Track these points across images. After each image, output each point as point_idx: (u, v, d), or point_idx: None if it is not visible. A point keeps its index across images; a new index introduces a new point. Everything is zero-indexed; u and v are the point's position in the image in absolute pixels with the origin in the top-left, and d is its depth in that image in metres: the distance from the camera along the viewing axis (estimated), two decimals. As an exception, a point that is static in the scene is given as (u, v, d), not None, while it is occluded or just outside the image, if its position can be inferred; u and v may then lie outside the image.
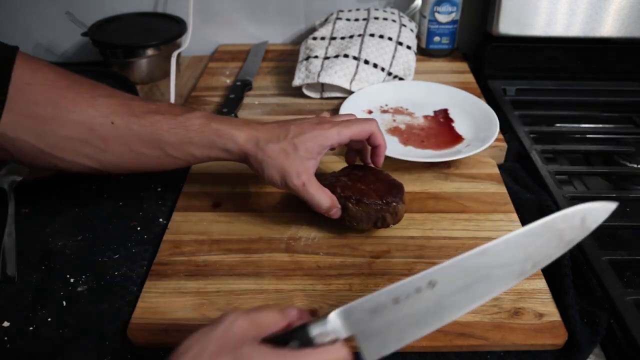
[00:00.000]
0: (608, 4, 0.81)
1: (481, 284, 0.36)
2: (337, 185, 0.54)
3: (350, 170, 0.58)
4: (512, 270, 0.36)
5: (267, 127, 0.53)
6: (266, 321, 0.36)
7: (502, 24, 0.84)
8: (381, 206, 0.53)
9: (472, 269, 0.36)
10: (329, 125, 0.52)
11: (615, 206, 0.37)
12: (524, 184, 0.65)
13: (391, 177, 0.57)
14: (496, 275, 0.36)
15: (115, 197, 0.64)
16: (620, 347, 0.46)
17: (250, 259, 0.54)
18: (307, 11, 1.00)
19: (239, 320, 0.35)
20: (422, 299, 0.36)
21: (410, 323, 0.36)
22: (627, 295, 0.48)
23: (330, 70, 0.78)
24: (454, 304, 0.36)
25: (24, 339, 0.47)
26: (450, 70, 0.91)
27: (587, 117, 0.80)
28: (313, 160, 0.52)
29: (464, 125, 0.73)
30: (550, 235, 0.37)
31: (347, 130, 0.53)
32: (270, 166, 0.51)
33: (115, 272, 0.54)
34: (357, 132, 0.53)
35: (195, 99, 0.83)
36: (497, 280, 0.36)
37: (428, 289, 0.36)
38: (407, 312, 0.36)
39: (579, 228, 0.37)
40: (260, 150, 0.51)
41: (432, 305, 0.36)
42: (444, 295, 0.36)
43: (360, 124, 0.54)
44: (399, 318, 0.36)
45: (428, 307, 0.36)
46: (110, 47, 0.88)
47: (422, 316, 0.36)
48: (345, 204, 0.53)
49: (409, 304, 0.36)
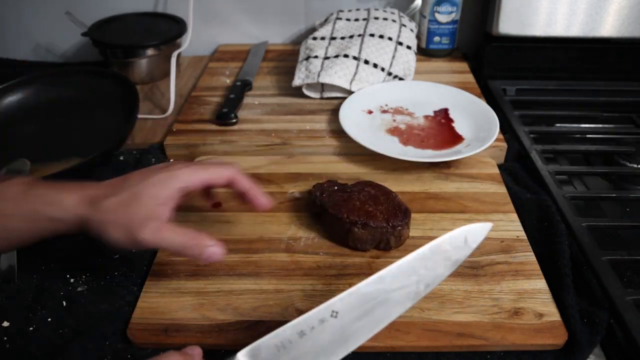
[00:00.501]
0: (608, 4, 0.81)
1: (380, 309, 0.38)
2: (343, 208, 0.54)
3: (362, 187, 0.58)
4: (407, 293, 0.39)
5: (104, 184, 0.46)
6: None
7: (502, 24, 0.84)
8: (387, 229, 0.53)
9: (370, 295, 0.38)
10: (180, 166, 0.47)
11: (490, 226, 0.42)
12: (524, 184, 0.65)
13: (399, 200, 0.56)
14: (393, 299, 0.38)
15: (115, 197, 0.64)
16: (620, 347, 0.46)
17: (250, 259, 0.54)
18: (307, 11, 1.00)
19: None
20: (326, 330, 0.37)
21: (317, 353, 0.37)
22: (627, 295, 0.48)
23: (330, 70, 0.78)
24: (357, 331, 0.38)
25: (24, 339, 0.47)
26: (450, 70, 0.91)
27: (587, 117, 0.80)
28: (163, 206, 0.44)
29: (464, 125, 0.73)
30: (439, 257, 0.40)
31: (202, 172, 0.47)
32: (111, 225, 0.43)
33: (115, 272, 0.54)
34: (213, 175, 0.48)
35: (195, 99, 0.83)
36: (395, 303, 0.39)
37: (331, 319, 0.37)
38: (313, 343, 0.37)
39: (462, 248, 0.41)
40: (97, 211, 0.43)
41: (337, 334, 0.37)
42: (347, 323, 0.37)
43: (218, 168, 0.48)
44: (305, 351, 0.37)
45: (333, 336, 0.37)
46: (110, 47, 0.88)
47: (327, 346, 0.37)
48: (351, 228, 0.53)
49: (314, 335, 0.37)
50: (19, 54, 1.03)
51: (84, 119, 0.76)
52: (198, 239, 0.44)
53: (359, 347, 0.45)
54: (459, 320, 0.47)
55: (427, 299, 0.49)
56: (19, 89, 0.78)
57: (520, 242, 0.55)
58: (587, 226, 0.57)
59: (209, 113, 0.79)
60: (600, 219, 0.60)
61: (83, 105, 0.77)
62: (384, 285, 0.39)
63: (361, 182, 0.60)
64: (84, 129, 0.74)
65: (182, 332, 0.47)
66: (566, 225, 0.56)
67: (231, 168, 0.49)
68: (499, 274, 0.52)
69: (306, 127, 0.75)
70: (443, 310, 0.48)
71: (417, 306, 0.48)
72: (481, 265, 0.53)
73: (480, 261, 0.53)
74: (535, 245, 0.55)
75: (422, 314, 0.47)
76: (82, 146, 0.70)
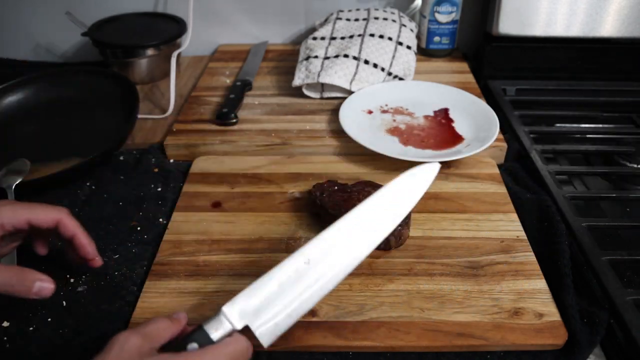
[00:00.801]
0: (608, 4, 0.81)
1: (350, 255, 0.42)
2: (343, 208, 0.54)
3: (362, 187, 0.58)
4: (375, 232, 0.44)
5: None
6: (157, 331, 0.37)
7: (502, 24, 0.84)
8: None
9: (340, 236, 0.43)
10: (3, 203, 0.46)
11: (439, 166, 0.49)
12: (524, 184, 0.65)
13: None
14: (360, 239, 0.43)
15: (115, 197, 0.64)
16: (620, 347, 0.46)
17: (250, 259, 0.54)
18: (307, 11, 1.00)
19: (131, 338, 0.35)
20: (302, 277, 0.41)
21: (295, 301, 0.40)
22: (627, 295, 0.48)
23: (330, 70, 0.78)
24: (329, 275, 0.41)
25: (24, 339, 0.47)
26: (450, 70, 0.91)
27: (587, 117, 0.80)
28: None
29: (464, 125, 0.73)
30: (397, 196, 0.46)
31: (24, 211, 0.45)
32: None
33: (115, 272, 0.54)
34: (37, 215, 0.46)
35: (195, 99, 0.83)
36: (363, 243, 0.43)
37: (305, 266, 0.41)
38: (291, 291, 0.40)
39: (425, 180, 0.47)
40: None
41: (312, 280, 0.41)
42: (319, 268, 0.41)
43: (44, 208, 0.46)
44: (284, 299, 0.40)
45: (308, 283, 0.41)
46: (110, 47, 0.88)
47: (304, 293, 0.41)
48: None
49: (291, 284, 0.40)
50: (19, 54, 1.03)
51: (84, 119, 0.76)
52: (25, 274, 0.42)
53: (359, 347, 0.45)
54: (459, 320, 0.47)
55: (427, 299, 0.49)
56: (19, 89, 0.78)
57: (520, 242, 0.55)
58: (587, 226, 0.57)
59: (209, 113, 0.79)
60: (600, 219, 0.60)
61: (83, 105, 0.77)
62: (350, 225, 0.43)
63: (361, 182, 0.60)
64: (84, 129, 0.74)
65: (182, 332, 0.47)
66: (566, 225, 0.56)
67: (60, 210, 0.47)
68: (499, 274, 0.52)
69: (306, 127, 0.75)
70: (443, 310, 0.48)
71: (417, 306, 0.48)
72: (481, 265, 0.53)
73: (480, 261, 0.53)
74: (535, 245, 0.55)
75: (422, 314, 0.47)
76: (82, 146, 0.70)
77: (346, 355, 0.46)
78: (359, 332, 0.46)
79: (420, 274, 0.52)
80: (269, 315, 0.40)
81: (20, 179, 0.62)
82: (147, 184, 0.66)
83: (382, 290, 0.50)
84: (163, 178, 0.67)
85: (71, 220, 0.48)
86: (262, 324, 0.40)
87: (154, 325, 0.38)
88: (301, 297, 0.41)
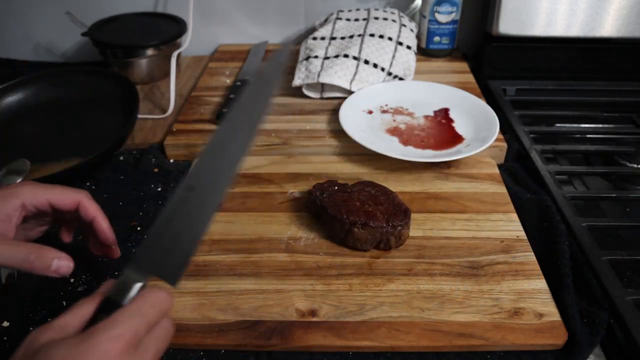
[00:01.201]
0: (608, 4, 0.81)
1: (227, 169, 0.39)
2: (343, 208, 0.54)
3: (362, 187, 0.58)
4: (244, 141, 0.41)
5: None
6: (68, 319, 0.35)
7: (502, 24, 0.84)
8: (387, 229, 0.53)
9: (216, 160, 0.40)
10: (24, 184, 0.46)
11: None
12: (524, 184, 0.65)
13: (400, 200, 0.56)
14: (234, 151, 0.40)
15: (115, 197, 0.64)
16: (620, 347, 0.46)
17: (250, 259, 0.54)
18: (307, 11, 1.00)
19: (41, 333, 0.34)
20: (187, 207, 0.38)
21: (185, 234, 0.37)
22: (627, 295, 0.48)
23: (330, 70, 0.78)
24: (212, 201, 0.39)
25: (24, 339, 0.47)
26: (450, 70, 0.91)
27: (587, 117, 0.80)
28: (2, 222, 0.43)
29: (464, 125, 0.73)
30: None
31: (45, 191, 0.45)
32: None
33: (115, 272, 0.54)
34: (57, 196, 0.45)
35: (195, 99, 0.83)
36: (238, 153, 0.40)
37: (189, 194, 0.38)
38: (179, 227, 0.37)
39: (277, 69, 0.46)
40: None
41: (194, 209, 0.38)
42: (201, 195, 0.38)
43: (65, 189, 0.46)
44: (176, 237, 0.37)
45: (191, 213, 0.38)
46: (110, 47, 0.88)
47: (191, 224, 0.38)
48: (351, 228, 0.53)
49: (178, 218, 0.38)
50: (19, 54, 1.03)
51: (84, 119, 0.76)
52: (43, 251, 0.42)
53: (359, 347, 0.45)
54: (459, 320, 0.47)
55: (427, 299, 0.49)
56: (19, 89, 0.78)
57: (520, 242, 0.55)
58: (587, 226, 0.57)
59: (209, 113, 0.79)
60: (600, 219, 0.60)
61: (83, 105, 0.77)
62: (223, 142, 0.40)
63: (361, 182, 0.60)
64: (84, 129, 0.75)
65: (182, 332, 0.47)
66: (566, 225, 0.56)
67: (80, 192, 0.47)
68: (499, 274, 0.52)
69: (306, 127, 0.75)
70: (443, 310, 0.48)
71: (417, 306, 0.48)
72: (481, 265, 0.53)
73: (480, 261, 0.53)
74: (535, 245, 0.55)
75: (422, 314, 0.47)
76: (82, 146, 0.70)
77: (346, 355, 0.46)
78: (359, 332, 0.46)
79: (420, 274, 0.52)
80: (166, 258, 0.37)
81: (20, 179, 0.62)
82: (147, 184, 0.66)
83: (382, 290, 0.50)
84: (163, 178, 0.67)
85: (92, 203, 0.47)
86: (162, 267, 0.37)
87: (65, 315, 0.35)
88: (190, 229, 0.38)
